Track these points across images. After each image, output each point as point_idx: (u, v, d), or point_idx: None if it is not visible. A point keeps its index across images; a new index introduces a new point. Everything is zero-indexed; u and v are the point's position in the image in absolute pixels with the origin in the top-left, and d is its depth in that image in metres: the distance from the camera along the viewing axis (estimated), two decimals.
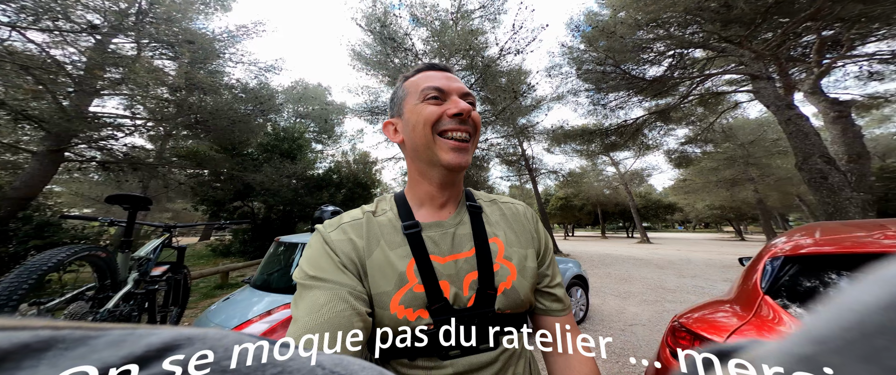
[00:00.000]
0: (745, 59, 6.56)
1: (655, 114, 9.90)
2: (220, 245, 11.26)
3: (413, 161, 0.54)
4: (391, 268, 0.47)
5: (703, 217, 35.04)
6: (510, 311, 0.50)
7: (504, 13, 8.79)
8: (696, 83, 8.74)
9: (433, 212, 0.54)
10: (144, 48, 6.55)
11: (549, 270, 0.58)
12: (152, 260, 1.75)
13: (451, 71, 0.58)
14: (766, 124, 15.54)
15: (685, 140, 12.98)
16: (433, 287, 0.47)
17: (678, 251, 13.63)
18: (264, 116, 8.56)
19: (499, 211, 0.59)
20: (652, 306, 4.51)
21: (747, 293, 1.24)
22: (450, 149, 0.50)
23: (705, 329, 1.16)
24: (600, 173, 25.36)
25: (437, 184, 0.53)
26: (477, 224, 0.54)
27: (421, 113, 0.51)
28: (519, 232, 0.56)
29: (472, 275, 0.49)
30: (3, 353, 0.10)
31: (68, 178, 11.60)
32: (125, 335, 0.12)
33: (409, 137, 0.53)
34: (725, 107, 10.87)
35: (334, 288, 0.43)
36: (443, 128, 0.50)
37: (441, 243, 0.51)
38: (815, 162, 5.36)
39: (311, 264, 0.47)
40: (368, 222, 0.52)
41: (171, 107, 6.85)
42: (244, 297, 1.89)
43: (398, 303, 0.45)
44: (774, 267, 1.21)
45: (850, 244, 1.07)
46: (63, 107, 5.09)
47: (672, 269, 8.03)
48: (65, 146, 5.83)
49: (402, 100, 0.55)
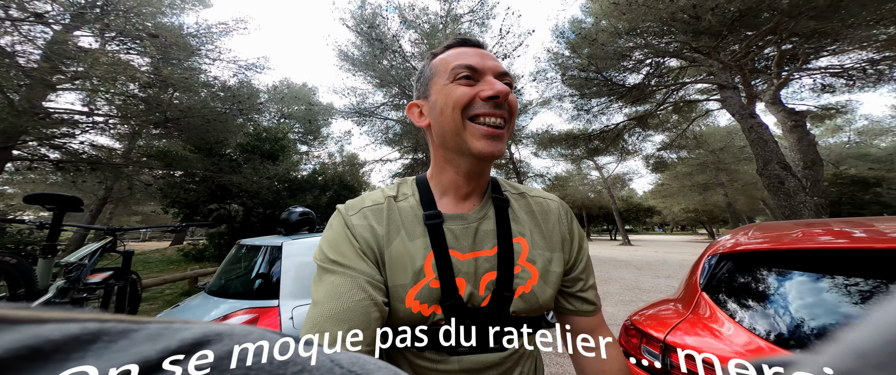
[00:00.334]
0: (713, 69, 6.93)
1: (634, 119, 10.28)
2: (192, 249, 10.68)
3: (439, 147, 0.50)
4: (410, 261, 0.46)
5: (679, 219, 36.70)
6: (526, 314, 0.48)
7: (492, 18, 8.97)
8: (671, 91, 9.15)
9: (457, 203, 0.51)
10: (109, 41, 6.17)
11: (583, 274, 0.54)
12: (87, 266, 1.59)
13: (486, 47, 0.53)
14: (734, 132, 16.48)
15: (661, 145, 13.55)
16: (449, 283, 0.45)
17: (656, 252, 14.12)
18: (244, 116, 8.23)
19: (527, 206, 0.55)
20: (627, 306, 4.61)
21: (689, 290, 1.28)
22: (482, 136, 0.45)
23: (652, 327, 1.18)
24: (585, 177, 26.09)
25: (465, 173, 0.50)
26: (502, 220, 0.50)
27: (450, 94, 0.46)
28: (547, 233, 0.52)
29: (491, 275, 0.47)
30: (56, 344, 0.10)
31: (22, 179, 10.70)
32: (162, 329, 0.13)
33: (436, 121, 0.49)
34: (697, 114, 11.44)
35: (355, 275, 0.43)
36: (475, 112, 0.46)
37: (462, 238, 0.48)
38: (774, 168, 5.70)
39: (331, 247, 0.46)
40: (389, 208, 0.50)
41: (140, 104, 6.47)
42: (197, 304, 1.76)
43: (414, 298, 0.44)
44: (711, 265, 1.24)
45: (778, 241, 1.11)
46: (11, 102, 4.69)
47: (649, 270, 8.28)
48: (12, 144, 5.38)
49: (430, 80, 0.50)
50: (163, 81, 6.13)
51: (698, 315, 1.12)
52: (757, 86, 8.70)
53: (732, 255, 1.21)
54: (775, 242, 1.14)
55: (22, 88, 4.97)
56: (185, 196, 8.53)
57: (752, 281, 1.09)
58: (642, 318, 1.27)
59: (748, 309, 1.03)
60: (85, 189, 11.53)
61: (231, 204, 8.78)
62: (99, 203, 13.66)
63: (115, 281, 1.86)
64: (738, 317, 1.02)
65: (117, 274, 1.89)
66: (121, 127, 7.27)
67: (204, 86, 7.24)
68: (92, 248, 1.66)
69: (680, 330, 1.11)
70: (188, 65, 6.85)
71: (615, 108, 9.66)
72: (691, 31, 6.14)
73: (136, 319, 0.13)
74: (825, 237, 1.07)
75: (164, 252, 14.02)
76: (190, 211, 9.08)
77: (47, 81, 5.16)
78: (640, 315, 1.32)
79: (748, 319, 1.00)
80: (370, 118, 10.79)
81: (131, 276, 2.12)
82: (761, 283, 1.06)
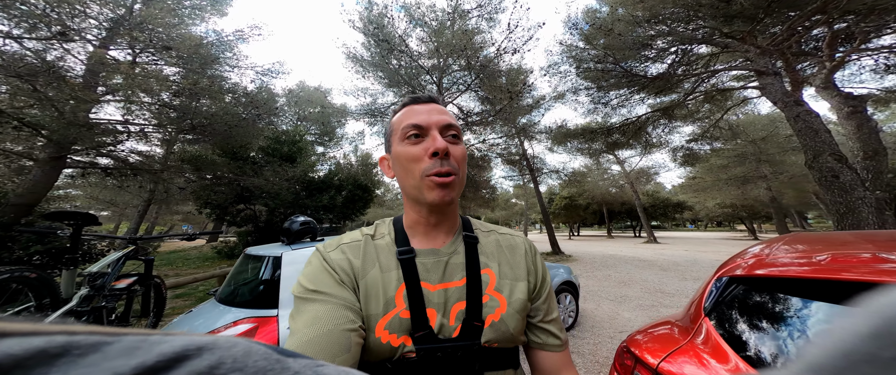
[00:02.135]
0: (750, 55, 6.30)
1: (659, 111, 9.63)
2: (224, 247, 11.46)
3: (405, 195, 0.56)
4: (382, 291, 0.48)
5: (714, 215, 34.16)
6: (498, 345, 0.49)
7: (501, 12, 8.68)
8: (700, 79, 8.46)
9: (429, 240, 0.55)
10: (138, 54, 6.67)
11: (545, 305, 0.57)
12: (111, 273, 1.74)
13: (437, 101, 0.58)
14: (778, 120, 15.03)
15: (691, 137, 12.62)
16: (420, 314, 0.47)
17: (686, 251, 13.28)
18: (263, 120, 8.63)
19: (496, 241, 0.59)
20: (647, 311, 4.37)
21: (693, 313, 1.17)
22: (435, 186, 0.50)
23: (648, 351, 1.09)
24: (605, 172, 24.93)
25: (426, 215, 0.54)
26: (471, 254, 0.54)
27: (404, 155, 0.52)
28: (514, 264, 0.56)
29: (460, 305, 0.49)
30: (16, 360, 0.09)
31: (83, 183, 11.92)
32: (138, 342, 0.12)
33: (398, 175, 0.55)
34: (733, 103, 10.54)
35: (334, 300, 0.45)
36: (425, 169, 0.50)
37: (433, 270, 0.51)
38: (826, 160, 5.12)
39: (310, 279, 0.48)
40: (366, 244, 0.54)
41: (172, 112, 6.97)
42: (205, 310, 1.86)
43: (383, 328, 0.46)
44: (718, 287, 1.12)
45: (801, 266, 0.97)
46: (62, 114, 5.20)
47: (675, 271, 7.80)
48: (65, 153, 5.98)
49: (390, 137, 0.56)
50: (190, 89, 6.56)
51: (697, 344, 1.03)
52: (804, 71, 7.84)
53: (744, 280, 1.08)
54: (797, 267, 0.99)
55: (70, 102, 5.48)
56: (216, 198, 9.13)
57: (764, 310, 0.96)
58: (640, 340, 1.19)
59: (757, 344, 0.92)
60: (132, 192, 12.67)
61: (255, 204, 9.28)
62: (144, 204, 15.00)
63: (139, 286, 2.02)
64: (744, 352, 0.92)
65: (140, 279, 2.05)
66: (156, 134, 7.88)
67: (227, 93, 7.65)
68: (114, 257, 1.82)
69: (675, 358, 1.02)
70: (212, 74, 7.27)
71: (636, 100, 9.08)
72: (722, 16, 5.61)
73: (110, 331, 0.12)
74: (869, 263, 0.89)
75: (201, 249, 15.14)
76: (221, 211, 9.72)
77: (91, 95, 5.66)
78: (639, 336, 1.24)
79: (755, 356, 0.89)
80: (382, 118, 10.93)
81: (154, 280, 2.30)
82: (776, 315, 0.93)
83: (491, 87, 8.72)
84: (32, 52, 5.16)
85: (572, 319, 3.57)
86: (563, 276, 3.52)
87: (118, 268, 1.82)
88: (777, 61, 6.56)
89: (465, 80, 9.37)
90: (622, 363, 1.14)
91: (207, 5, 7.94)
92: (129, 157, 7.39)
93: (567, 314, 3.51)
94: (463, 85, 9.54)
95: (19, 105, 5.19)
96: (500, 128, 12.00)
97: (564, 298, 3.51)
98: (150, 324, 2.35)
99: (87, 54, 5.86)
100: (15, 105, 5.12)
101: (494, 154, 13.50)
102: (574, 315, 3.61)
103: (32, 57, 5.12)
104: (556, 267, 3.68)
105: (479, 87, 9.17)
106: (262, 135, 9.01)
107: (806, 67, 7.78)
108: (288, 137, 10.30)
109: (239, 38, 8.06)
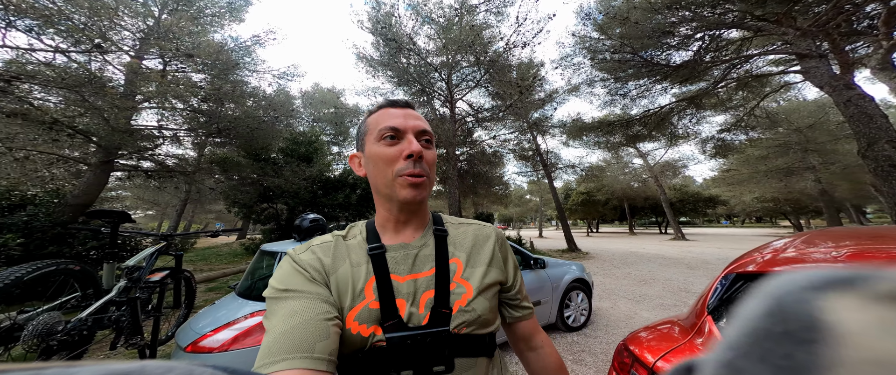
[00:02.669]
0: (788, 38, 5.77)
1: (685, 100, 9.06)
2: (251, 244, 12.17)
3: (376, 193, 0.58)
4: (351, 285, 0.50)
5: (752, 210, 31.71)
6: (466, 330, 0.50)
7: (509, 5, 8.45)
8: (732, 66, 7.85)
9: (399, 236, 0.57)
10: (169, 63, 7.18)
11: (518, 289, 0.63)
12: (145, 267, 1.93)
13: (413, 107, 0.60)
14: (827, 106, 13.64)
15: (723, 127, 11.77)
16: (389, 304, 0.48)
17: (718, 249, 12.48)
18: (281, 122, 9.03)
19: (465, 233, 0.61)
20: (667, 311, 4.18)
21: (697, 311, 1.13)
22: (407, 185, 0.52)
23: (647, 349, 1.07)
24: (626, 166, 23.81)
25: (398, 213, 0.56)
26: (440, 246, 0.56)
27: (378, 154, 0.54)
28: (485, 254, 0.58)
29: (429, 294, 0.51)
30: None
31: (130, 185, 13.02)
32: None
33: (371, 173, 0.56)
34: (772, 89, 9.69)
35: (308, 296, 0.46)
36: (398, 169, 0.53)
37: (402, 263, 0.53)
38: (882, 148, 4.64)
39: (280, 281, 0.49)
40: (337, 244, 0.55)
41: (201, 117, 7.48)
42: (226, 303, 2.01)
43: (353, 319, 0.47)
44: (724, 285, 1.08)
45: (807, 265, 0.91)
46: (108, 122, 5.73)
47: (704, 270, 7.38)
48: (113, 157, 6.58)
49: (364, 136, 0.57)
50: (215, 94, 7.00)
51: (696, 343, 1.00)
52: (855, 51, 7.07)
53: (752, 277, 1.03)
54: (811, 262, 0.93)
55: (114, 109, 6.01)
56: (242, 197, 9.70)
57: None
58: (641, 338, 1.17)
59: None
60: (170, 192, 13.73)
61: (277, 203, 9.76)
62: (181, 204, 16.24)
63: (170, 279, 2.22)
64: None
65: (171, 273, 2.25)
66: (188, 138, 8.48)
67: (249, 97, 8.08)
68: (148, 252, 2.01)
69: (674, 357, 0.99)
70: (234, 79, 7.70)
71: (659, 90, 8.57)
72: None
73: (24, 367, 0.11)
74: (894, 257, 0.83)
75: (231, 246, 16.16)
76: (247, 210, 10.33)
77: (129, 102, 6.19)
78: (643, 334, 1.21)
79: None
80: None
81: (184, 274, 2.51)
82: None
83: (501, 83, 8.56)
84: (78, 64, 5.70)
85: (585, 317, 3.49)
86: (574, 273, 3.44)
87: (152, 262, 2.01)
88: (822, 43, 5.96)
89: (474, 76, 9.26)
90: (621, 361, 1.13)
91: (226, 12, 8.38)
92: (166, 160, 8.04)
93: (579, 312, 3.44)
94: (472, 81, 9.41)
95: (71, 114, 5.77)
96: (512, 123, 11.77)
97: (576, 296, 3.44)
98: (182, 315, 2.57)
99: (123, 64, 6.40)
100: (68, 114, 5.70)
101: (506, 150, 13.28)
102: (586, 313, 3.53)
103: (79, 68, 5.66)
104: (568, 264, 3.60)
105: (489, 83, 9.03)
106: (281, 136, 9.44)
107: (857, 47, 7.01)
108: (305, 138, 10.72)
109: (256, 42, 8.45)
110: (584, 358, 2.76)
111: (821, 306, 0.10)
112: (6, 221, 4.77)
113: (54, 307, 1.57)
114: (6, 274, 1.34)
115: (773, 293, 0.12)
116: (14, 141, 5.75)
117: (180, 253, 2.29)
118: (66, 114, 5.64)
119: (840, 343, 0.09)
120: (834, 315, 0.10)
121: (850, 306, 0.10)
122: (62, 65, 5.51)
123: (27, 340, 1.37)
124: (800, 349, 0.10)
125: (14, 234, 4.54)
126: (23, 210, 5.17)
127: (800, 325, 0.10)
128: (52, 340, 1.44)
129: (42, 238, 5.13)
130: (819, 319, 0.10)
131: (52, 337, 1.44)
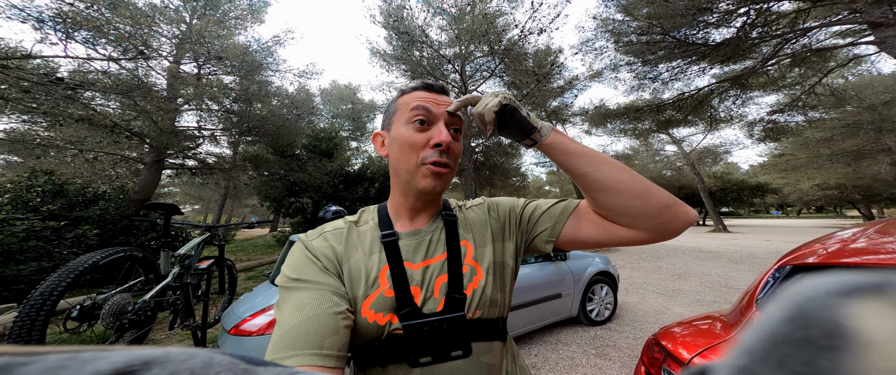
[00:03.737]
0: (857, 6, 5.03)
1: (727, 81, 8.25)
2: (282, 236, 12.98)
3: (395, 176, 0.57)
4: (365, 273, 0.50)
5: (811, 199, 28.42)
6: (481, 314, 0.50)
7: None
8: (785, 41, 6.99)
9: (411, 223, 0.57)
10: (202, 66, 7.71)
11: (533, 211, 0.60)
12: (194, 255, 2.15)
13: (447, 93, 0.58)
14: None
15: (775, 108, 10.59)
16: (404, 292, 0.48)
17: (767, 241, 11.44)
18: (303, 120, 9.43)
19: (469, 215, 0.61)
20: (704, 307, 3.94)
21: (743, 306, 1.05)
22: (429, 174, 0.52)
23: (684, 346, 1.01)
24: (657, 153, 22.23)
25: (415, 201, 0.56)
26: (451, 230, 0.56)
27: (406, 138, 0.52)
28: (483, 231, 0.58)
29: (443, 278, 0.51)
30: None
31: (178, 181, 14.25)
32: (65, 360, 0.11)
33: (393, 156, 0.55)
34: (837, 63, 8.53)
35: (319, 287, 0.45)
36: (424, 158, 0.52)
37: (416, 250, 0.53)
38: None
39: (292, 269, 0.48)
40: (349, 231, 0.55)
41: (234, 117, 8.02)
42: (262, 290, 2.19)
43: (369, 308, 0.47)
44: (776, 278, 0.99)
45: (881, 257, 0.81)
46: (156, 123, 6.31)
47: (749, 264, 6.83)
48: (163, 156, 7.26)
49: (393, 115, 0.56)
50: (244, 95, 7.45)
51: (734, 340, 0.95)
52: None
53: (812, 269, 0.94)
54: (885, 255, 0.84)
55: (160, 112, 6.59)
56: (272, 192, 10.33)
57: None
58: (676, 333, 1.10)
59: None
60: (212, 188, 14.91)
61: (303, 197, 10.29)
62: (221, 199, 17.64)
63: (215, 267, 2.46)
64: None
65: (216, 261, 2.49)
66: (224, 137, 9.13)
67: (273, 96, 8.51)
68: (196, 242, 2.23)
69: (712, 354, 0.93)
70: (259, 79, 8.13)
71: (695, 71, 7.85)
72: None
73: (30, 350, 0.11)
74: None
75: (266, 238, 17.34)
76: (277, 204, 11.00)
77: (172, 105, 6.75)
78: (677, 329, 1.15)
79: None
80: None
81: (227, 262, 2.75)
82: None
83: (517, 71, 8.24)
84: (127, 71, 6.29)
85: (609, 311, 3.39)
86: (598, 266, 3.34)
87: (199, 251, 2.23)
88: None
89: (488, 66, 8.99)
90: (651, 356, 1.08)
91: (248, 14, 8.79)
92: (206, 158, 8.73)
93: (603, 306, 3.35)
94: (487, 71, 9.14)
95: (127, 118, 6.41)
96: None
97: (600, 289, 3.34)
98: (227, 300, 2.84)
99: (163, 69, 6.97)
100: (124, 118, 6.34)
101: None
102: (611, 307, 3.43)
103: (129, 75, 6.25)
104: (592, 256, 3.49)
105: (505, 72, 8.74)
106: (303, 133, 9.88)
107: None
108: (325, 134, 11.13)
109: (277, 42, 8.81)
110: (609, 353, 2.69)
111: (846, 312, 0.10)
112: (84, 214, 5.44)
113: (124, 289, 1.80)
114: (85, 259, 1.57)
115: (793, 298, 0.12)
116: (84, 143, 6.50)
117: (223, 244, 2.51)
118: (122, 118, 6.28)
119: (865, 352, 0.09)
120: (860, 322, 0.10)
121: (879, 313, 0.10)
122: (115, 72, 6.11)
123: (105, 318, 1.58)
124: (821, 356, 0.10)
125: (90, 226, 5.18)
126: (96, 204, 5.87)
127: (821, 331, 0.10)
128: (124, 319, 1.66)
129: (112, 229, 5.82)
130: (843, 326, 0.10)
131: (124, 317, 1.65)
